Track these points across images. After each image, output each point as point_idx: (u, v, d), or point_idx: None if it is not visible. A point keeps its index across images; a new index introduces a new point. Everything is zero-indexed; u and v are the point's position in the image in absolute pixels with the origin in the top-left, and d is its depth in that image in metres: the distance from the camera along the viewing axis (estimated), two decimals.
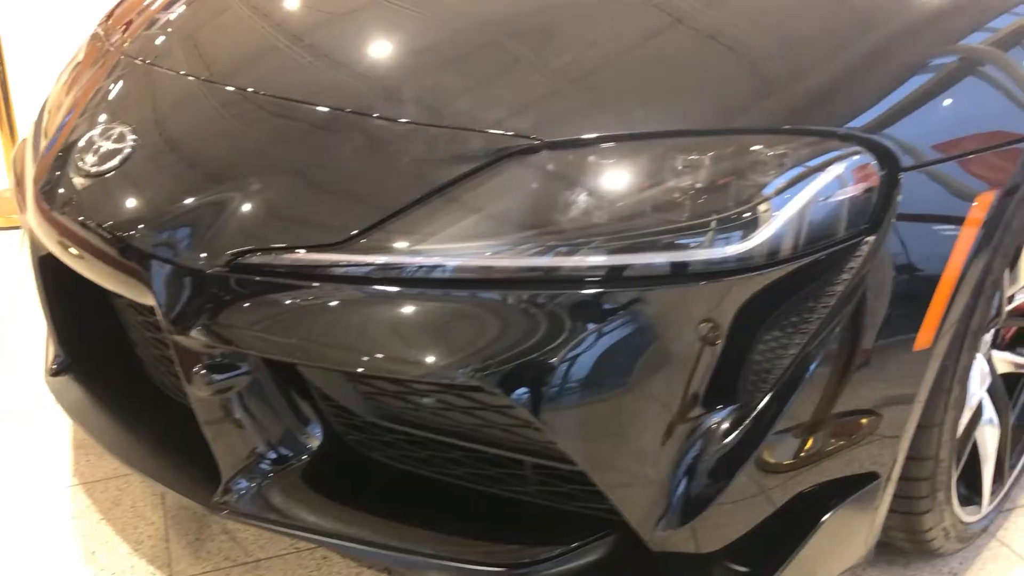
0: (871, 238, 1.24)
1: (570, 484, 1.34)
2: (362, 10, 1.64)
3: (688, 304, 1.20)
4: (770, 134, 1.25)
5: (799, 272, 1.22)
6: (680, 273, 1.20)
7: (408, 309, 1.22)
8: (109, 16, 2.06)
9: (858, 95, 1.31)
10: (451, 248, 1.22)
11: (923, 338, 1.28)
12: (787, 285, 1.22)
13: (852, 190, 1.24)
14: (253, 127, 1.45)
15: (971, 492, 1.68)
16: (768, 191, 1.22)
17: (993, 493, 1.72)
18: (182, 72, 1.60)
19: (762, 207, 1.21)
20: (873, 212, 1.24)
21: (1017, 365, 1.77)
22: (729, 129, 1.27)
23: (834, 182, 1.23)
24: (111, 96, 1.63)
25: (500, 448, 1.34)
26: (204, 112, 1.50)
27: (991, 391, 1.68)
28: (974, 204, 1.31)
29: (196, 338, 1.32)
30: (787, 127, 1.26)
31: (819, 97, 1.30)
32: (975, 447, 1.66)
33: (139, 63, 1.68)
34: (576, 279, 1.20)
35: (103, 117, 1.56)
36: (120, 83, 1.66)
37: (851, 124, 1.27)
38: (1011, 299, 1.65)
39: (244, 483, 1.45)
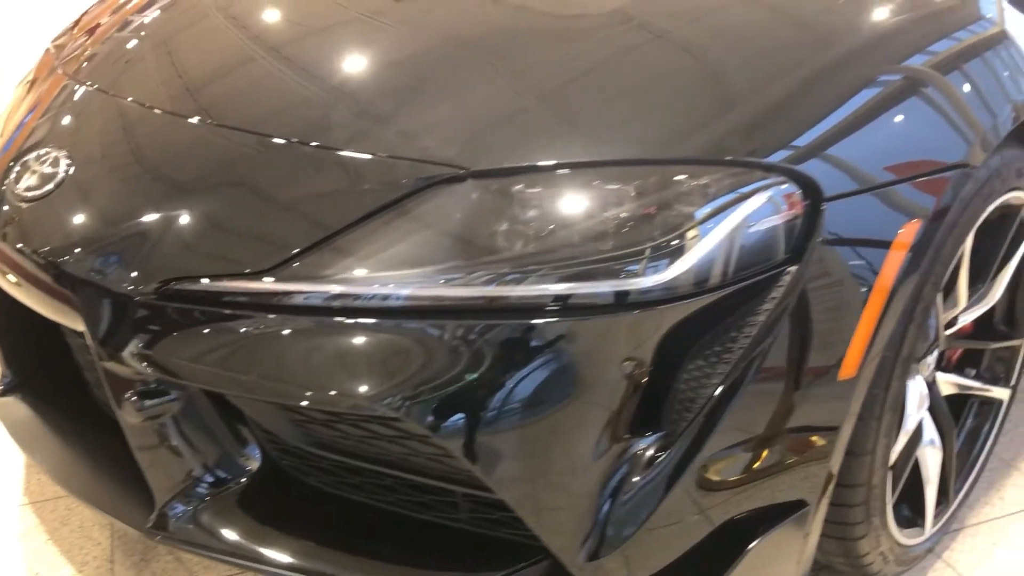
0: (794, 267, 1.24)
1: (500, 511, 1.34)
2: (298, 40, 1.64)
3: (614, 333, 1.20)
4: (695, 164, 1.25)
5: (723, 301, 1.22)
6: (606, 302, 1.20)
7: (330, 338, 1.23)
8: (65, 32, 2.07)
9: (787, 124, 1.31)
10: (374, 277, 1.22)
11: (847, 367, 1.29)
12: (711, 314, 1.23)
13: (775, 219, 1.24)
14: (185, 154, 1.45)
15: (914, 514, 1.69)
16: (692, 221, 1.22)
17: (937, 515, 1.72)
18: (120, 97, 1.60)
19: (686, 236, 1.21)
20: (796, 241, 1.25)
21: (962, 387, 1.77)
22: (654, 160, 1.27)
23: (758, 212, 1.23)
24: (51, 119, 1.64)
25: (427, 476, 1.34)
26: (138, 138, 1.50)
27: (934, 413, 1.68)
28: (900, 232, 1.31)
29: (125, 365, 1.32)
30: (712, 158, 1.26)
31: (750, 127, 1.30)
32: (918, 469, 1.66)
33: (82, 85, 1.68)
34: (499, 309, 1.20)
35: (41, 141, 1.56)
36: (61, 106, 1.66)
37: (780, 152, 1.28)
38: (953, 322, 1.66)
39: (180, 507, 1.45)
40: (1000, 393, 1.85)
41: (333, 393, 1.21)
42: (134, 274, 1.32)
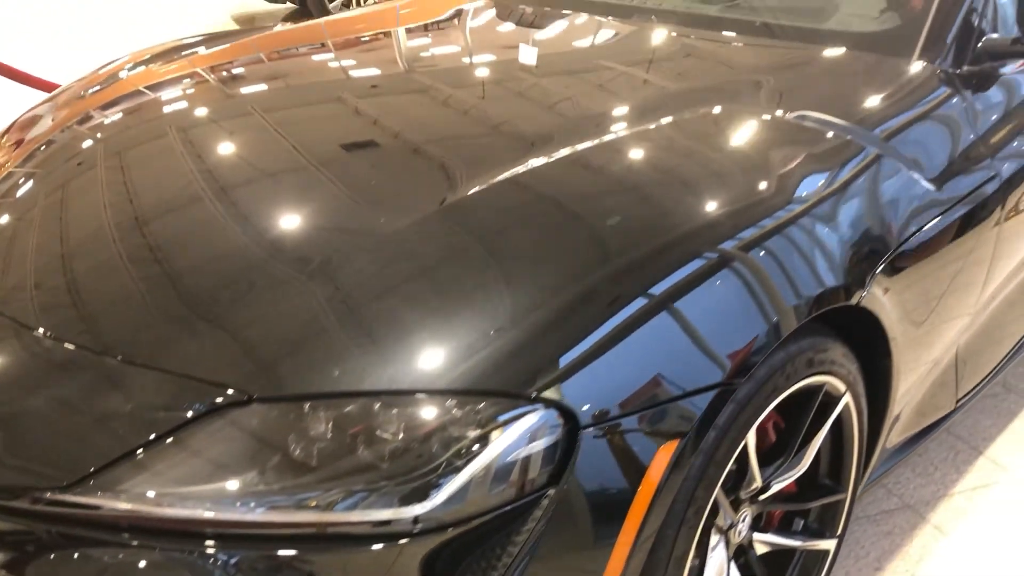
0: (552, 491, 1.32)
1: None
2: (108, 242, 1.71)
3: (379, 562, 1.29)
4: (460, 395, 1.33)
5: (486, 523, 1.31)
6: (371, 533, 1.29)
7: (106, 557, 1.30)
8: None
9: (552, 350, 1.37)
10: (154, 498, 1.30)
11: None
12: (476, 536, 1.31)
13: (536, 446, 1.33)
14: None
15: None
16: (455, 449, 1.31)
17: None
18: None
19: (450, 465, 1.30)
20: (555, 467, 1.33)
21: (778, 546, 1.85)
22: (427, 389, 1.34)
23: (518, 440, 1.32)
24: None
25: None
26: None
27: (748, 570, 1.76)
28: (662, 448, 1.39)
29: None
30: (476, 388, 1.34)
31: (518, 352, 1.36)
32: None
33: None
34: (268, 537, 1.29)
35: None
36: None
37: (542, 377, 1.35)
38: (767, 487, 1.73)
39: None
40: (826, 544, 1.92)
41: None
42: None
